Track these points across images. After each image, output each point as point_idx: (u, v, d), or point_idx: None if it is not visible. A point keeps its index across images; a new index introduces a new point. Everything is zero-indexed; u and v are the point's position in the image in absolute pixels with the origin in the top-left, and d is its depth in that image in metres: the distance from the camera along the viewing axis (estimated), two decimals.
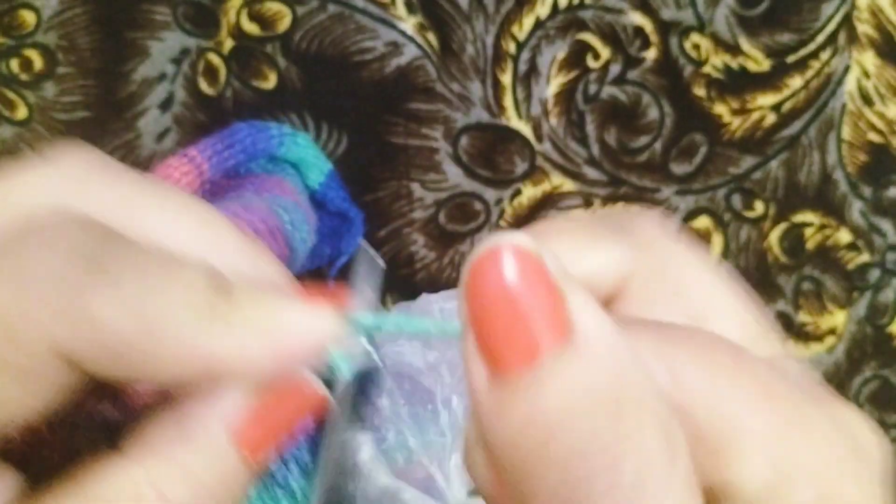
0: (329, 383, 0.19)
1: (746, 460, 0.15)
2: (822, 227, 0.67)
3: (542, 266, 0.15)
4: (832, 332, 0.68)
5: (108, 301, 0.17)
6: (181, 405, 0.18)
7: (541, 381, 0.14)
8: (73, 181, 0.19)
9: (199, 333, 0.17)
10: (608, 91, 0.65)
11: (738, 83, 0.66)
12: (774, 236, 0.67)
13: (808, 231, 0.67)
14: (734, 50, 0.65)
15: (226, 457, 0.18)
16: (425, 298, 0.61)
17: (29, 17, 0.64)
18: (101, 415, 0.21)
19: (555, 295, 0.14)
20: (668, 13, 0.65)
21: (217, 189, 0.52)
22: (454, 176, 0.66)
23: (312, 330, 0.18)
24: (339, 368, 0.19)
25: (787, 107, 0.66)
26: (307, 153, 0.57)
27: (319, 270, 0.57)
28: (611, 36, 0.65)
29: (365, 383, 0.20)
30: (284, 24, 0.64)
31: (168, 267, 0.18)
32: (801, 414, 0.16)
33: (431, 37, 0.65)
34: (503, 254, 0.15)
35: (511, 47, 0.65)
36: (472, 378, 0.15)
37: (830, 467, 0.16)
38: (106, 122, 0.65)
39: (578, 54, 0.65)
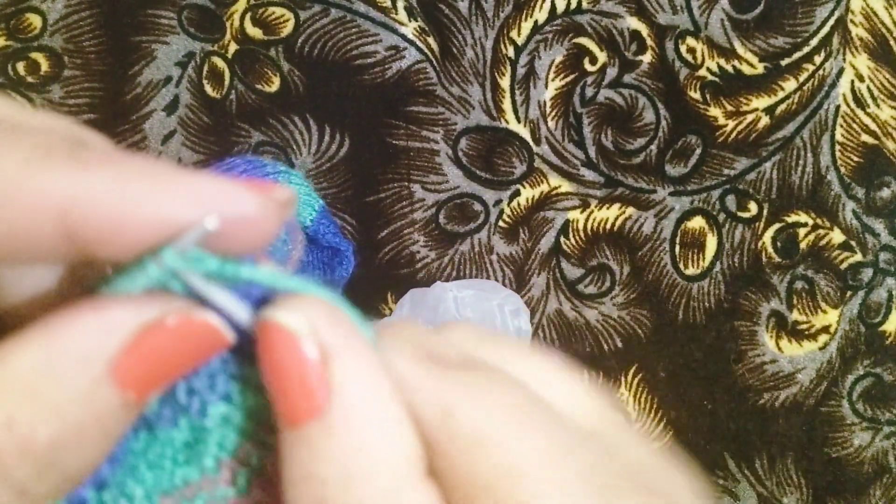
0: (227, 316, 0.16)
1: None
2: (816, 227, 0.67)
3: (299, 347, 0.16)
4: (825, 330, 0.68)
5: None
6: (51, 332, 0.15)
7: (300, 444, 0.16)
8: None
9: (47, 168, 0.15)
10: (605, 94, 0.66)
11: (733, 86, 0.66)
12: (768, 236, 0.67)
13: (802, 231, 0.67)
14: (729, 53, 0.66)
15: (105, 396, 0.15)
16: (440, 286, 0.62)
17: (35, 20, 0.64)
18: None
19: (314, 373, 0.16)
20: (663, 17, 0.65)
21: None
22: (454, 177, 0.66)
23: (181, 198, 0.15)
24: (170, 267, 0.15)
25: (781, 109, 0.66)
26: (300, 190, 0.57)
27: None
28: (607, 40, 0.65)
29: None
30: (287, 28, 0.65)
31: (18, 126, 0.16)
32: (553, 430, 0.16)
33: (432, 41, 0.65)
34: (268, 335, 0.16)
35: (510, 51, 0.65)
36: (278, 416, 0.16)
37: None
38: (112, 125, 0.65)
39: (576, 58, 0.66)
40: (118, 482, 0.17)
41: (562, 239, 0.67)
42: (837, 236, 0.67)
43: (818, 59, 0.66)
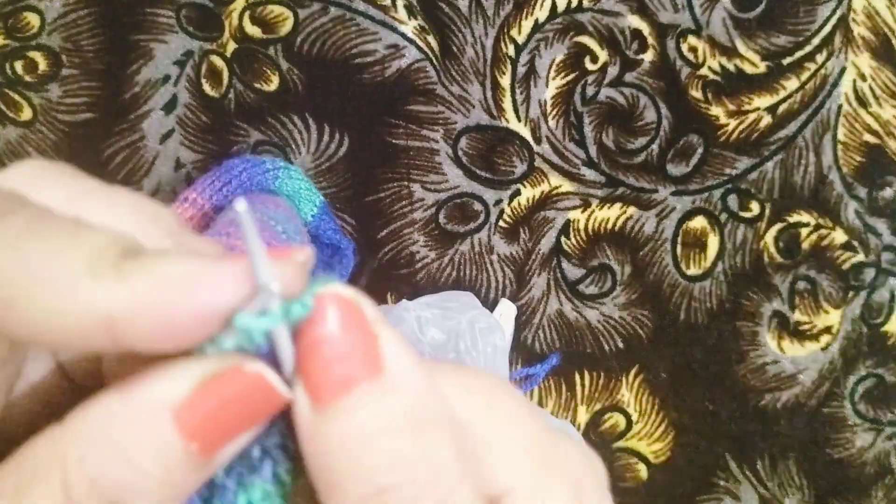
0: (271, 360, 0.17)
1: (509, 464, 0.18)
2: (818, 227, 0.67)
3: (361, 313, 0.18)
4: (827, 330, 0.68)
5: (1, 249, 0.16)
6: (126, 383, 0.17)
7: (353, 407, 0.17)
8: (22, 178, 0.19)
9: (93, 284, 0.16)
10: (606, 93, 0.66)
11: (735, 85, 0.66)
12: (770, 236, 0.67)
13: (804, 231, 0.67)
14: (731, 52, 0.65)
15: (168, 444, 0.16)
16: (402, 306, 0.61)
17: (33, 19, 0.64)
18: None
19: (369, 337, 0.17)
20: (665, 16, 0.65)
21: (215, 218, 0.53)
22: (454, 177, 0.66)
23: (211, 285, 0.16)
24: (251, 332, 0.17)
25: (783, 108, 0.66)
26: (300, 185, 0.57)
27: None
28: (609, 39, 0.65)
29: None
30: (286, 26, 0.65)
31: (76, 229, 0.17)
32: (547, 434, 0.19)
33: (431, 39, 0.65)
34: (327, 303, 0.17)
35: (510, 50, 0.65)
36: (296, 406, 0.17)
37: (578, 472, 0.19)
38: (110, 124, 0.65)
39: (577, 57, 0.65)
40: None
41: (562, 239, 0.67)
42: (840, 236, 0.67)
43: (820, 58, 0.66)
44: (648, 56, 0.65)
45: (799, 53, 0.66)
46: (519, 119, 0.66)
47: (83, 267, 0.16)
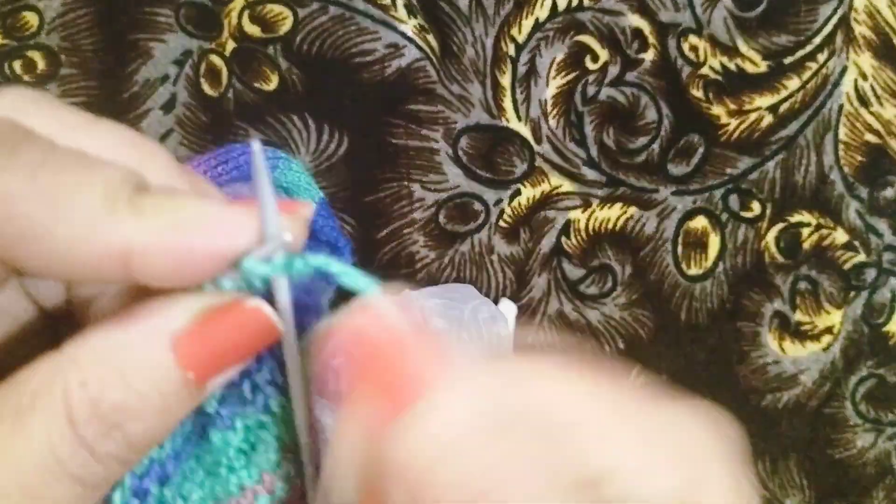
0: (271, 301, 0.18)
1: (605, 444, 0.17)
2: (819, 227, 0.67)
3: (422, 319, 0.18)
4: (829, 331, 0.68)
5: (18, 181, 0.16)
6: (126, 314, 0.18)
7: (427, 413, 0.17)
8: (12, 105, 0.19)
9: (111, 219, 0.17)
10: (607, 92, 0.66)
11: (736, 85, 0.66)
12: (771, 236, 0.67)
13: (805, 231, 0.67)
14: (732, 52, 0.65)
15: (166, 371, 0.17)
16: (406, 295, 0.61)
17: (32, 18, 0.64)
18: None
19: (432, 344, 0.18)
20: (666, 15, 0.65)
21: None
22: (454, 177, 0.66)
23: (227, 229, 0.17)
24: (256, 275, 0.18)
25: (784, 108, 0.66)
26: (300, 179, 0.57)
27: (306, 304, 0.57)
28: (609, 38, 0.65)
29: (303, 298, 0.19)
30: (286, 25, 0.64)
31: (87, 162, 0.17)
32: (648, 405, 0.18)
33: (431, 39, 0.65)
34: (385, 310, 0.18)
35: (510, 49, 0.65)
36: (367, 414, 0.18)
37: (695, 445, 0.18)
38: None
39: (577, 56, 0.65)
40: (178, 482, 0.19)
41: (563, 239, 0.67)
42: (841, 236, 0.67)
43: (821, 58, 0.66)
44: (649, 55, 0.65)
45: (800, 53, 0.66)
46: (519, 119, 0.66)
47: (99, 201, 0.17)
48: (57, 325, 0.20)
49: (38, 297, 0.20)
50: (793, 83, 0.66)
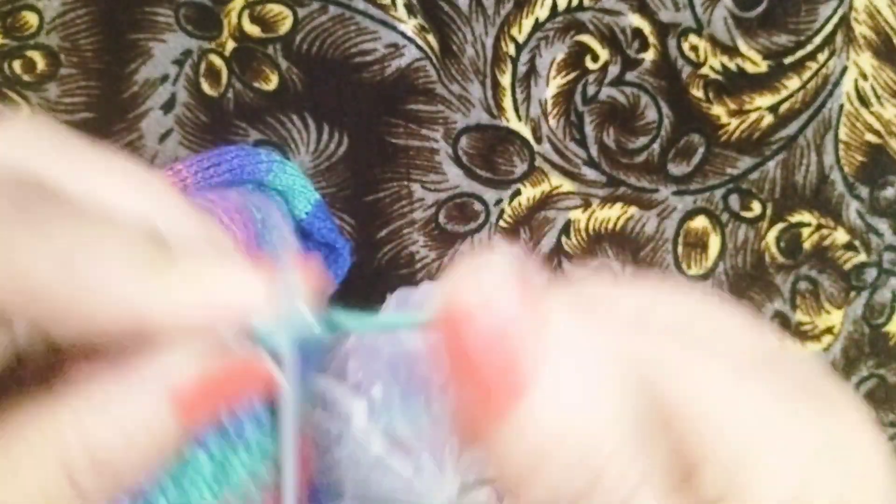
0: (279, 359, 0.18)
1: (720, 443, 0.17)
2: (819, 227, 0.67)
3: (515, 315, 0.17)
4: (829, 331, 0.68)
5: (39, 254, 0.16)
6: (123, 360, 0.18)
7: (525, 414, 0.17)
8: (20, 145, 0.19)
9: (135, 288, 0.17)
10: (607, 92, 0.66)
11: (736, 84, 0.66)
12: (772, 236, 0.67)
13: (806, 231, 0.67)
14: (732, 51, 0.65)
15: (160, 417, 0.18)
16: (428, 284, 0.61)
17: (31, 18, 0.64)
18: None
19: (531, 338, 0.17)
20: (666, 15, 0.65)
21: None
22: (454, 176, 0.66)
23: (244, 294, 0.18)
24: (266, 337, 0.18)
25: (784, 108, 0.66)
26: (295, 182, 0.57)
27: None
28: (609, 37, 0.65)
29: (311, 356, 0.19)
30: (286, 25, 0.64)
31: (106, 224, 0.17)
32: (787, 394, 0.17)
33: (431, 38, 0.65)
34: (481, 309, 0.17)
35: (510, 49, 0.65)
36: (468, 414, 0.18)
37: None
38: (108, 124, 0.65)
39: (577, 56, 0.65)
40: (150, 496, 0.20)
41: (563, 239, 0.67)
42: (841, 236, 0.67)
43: (822, 58, 0.66)
44: (649, 55, 0.65)
45: (800, 53, 0.66)
46: (519, 118, 0.66)
47: (121, 268, 0.17)
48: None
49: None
50: (793, 83, 0.66)
